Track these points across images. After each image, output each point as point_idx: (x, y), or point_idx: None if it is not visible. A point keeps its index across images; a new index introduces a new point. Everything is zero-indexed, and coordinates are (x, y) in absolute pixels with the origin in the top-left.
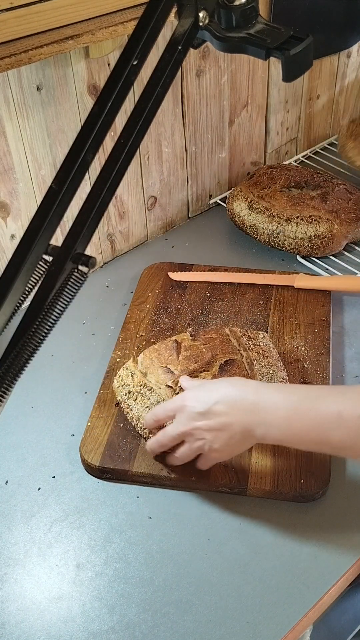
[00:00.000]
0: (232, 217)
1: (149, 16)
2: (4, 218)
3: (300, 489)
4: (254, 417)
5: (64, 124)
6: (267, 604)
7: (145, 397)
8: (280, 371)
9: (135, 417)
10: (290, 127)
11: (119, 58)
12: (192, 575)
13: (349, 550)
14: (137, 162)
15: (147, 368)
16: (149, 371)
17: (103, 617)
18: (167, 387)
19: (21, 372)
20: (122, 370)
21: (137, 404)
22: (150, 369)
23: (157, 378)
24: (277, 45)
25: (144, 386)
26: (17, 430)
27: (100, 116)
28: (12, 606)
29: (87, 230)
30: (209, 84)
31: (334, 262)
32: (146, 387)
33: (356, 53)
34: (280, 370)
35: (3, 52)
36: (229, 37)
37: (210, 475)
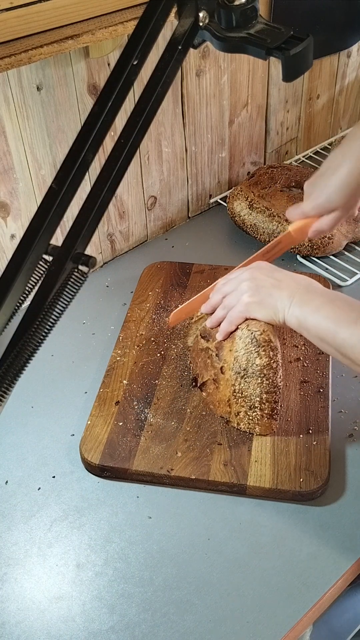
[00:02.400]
0: (233, 217)
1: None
2: (4, 218)
3: (299, 488)
4: (287, 284)
5: (64, 124)
6: (267, 604)
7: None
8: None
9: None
10: (290, 127)
11: (119, 58)
12: (192, 575)
13: (349, 550)
14: (137, 162)
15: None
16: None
17: (103, 617)
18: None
19: (21, 372)
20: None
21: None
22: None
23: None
24: (277, 45)
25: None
26: (17, 430)
27: (100, 116)
28: (12, 606)
29: (87, 230)
30: (209, 84)
31: (334, 262)
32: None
33: (356, 53)
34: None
35: (3, 52)
36: (229, 37)
37: (210, 473)
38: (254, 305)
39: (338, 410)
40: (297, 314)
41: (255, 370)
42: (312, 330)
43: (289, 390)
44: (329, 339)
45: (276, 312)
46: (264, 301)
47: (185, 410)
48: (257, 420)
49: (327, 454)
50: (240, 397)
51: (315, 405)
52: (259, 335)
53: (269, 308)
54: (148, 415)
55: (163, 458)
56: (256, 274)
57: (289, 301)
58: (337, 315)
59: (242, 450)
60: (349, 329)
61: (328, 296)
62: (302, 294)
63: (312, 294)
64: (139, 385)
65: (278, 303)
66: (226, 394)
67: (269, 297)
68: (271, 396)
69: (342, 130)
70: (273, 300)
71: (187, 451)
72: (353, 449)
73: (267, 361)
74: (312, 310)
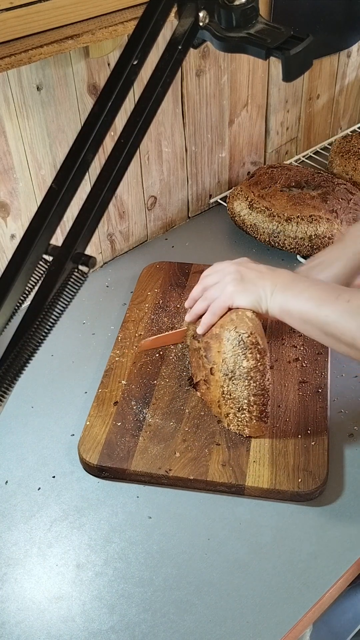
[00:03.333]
0: (233, 217)
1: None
2: (4, 218)
3: (297, 488)
4: (270, 275)
5: (64, 123)
6: (267, 604)
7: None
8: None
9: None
10: (290, 126)
11: (119, 58)
12: (192, 575)
13: (348, 550)
14: (137, 162)
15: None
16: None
17: (103, 617)
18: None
19: (21, 372)
20: None
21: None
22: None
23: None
24: (277, 45)
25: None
26: (17, 430)
27: (100, 116)
28: (12, 606)
29: (87, 230)
30: (209, 84)
31: None
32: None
33: (356, 53)
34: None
35: (3, 51)
36: (229, 37)
37: (208, 474)
38: (237, 294)
39: (338, 411)
40: (279, 300)
41: (242, 373)
42: (294, 314)
43: (287, 391)
44: (312, 318)
45: (259, 299)
46: (248, 289)
47: (184, 411)
48: (245, 422)
49: (325, 454)
50: (229, 398)
51: (314, 406)
52: (246, 338)
53: (252, 294)
54: (146, 416)
55: (161, 458)
56: (240, 268)
57: (271, 289)
58: (319, 295)
59: (240, 451)
60: (331, 305)
61: (311, 281)
62: (285, 282)
63: (294, 282)
64: (137, 386)
65: (261, 291)
66: (216, 395)
67: (253, 286)
68: (259, 398)
69: (342, 130)
70: (256, 288)
71: (186, 451)
72: (352, 449)
73: (253, 364)
74: (294, 294)
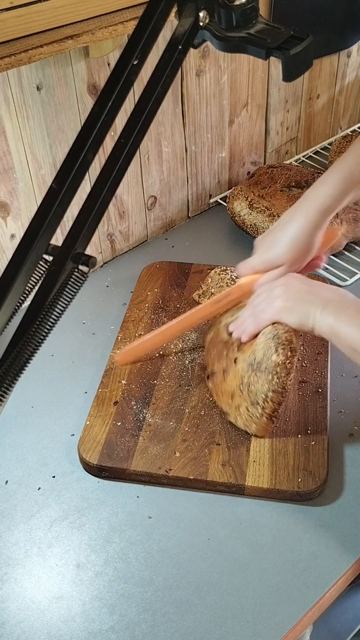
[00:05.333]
0: (233, 217)
1: (149, 16)
2: (4, 218)
3: (297, 488)
4: (320, 291)
5: (64, 123)
6: (267, 603)
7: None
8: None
9: None
10: (290, 126)
11: (119, 58)
12: (192, 575)
13: (348, 550)
14: (137, 162)
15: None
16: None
17: (103, 616)
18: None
19: (21, 372)
20: None
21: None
22: None
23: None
24: (277, 45)
25: None
26: (17, 430)
27: (100, 116)
28: (12, 606)
29: (87, 230)
30: (209, 84)
31: (334, 262)
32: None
33: (356, 53)
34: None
35: (3, 51)
36: (229, 37)
37: (208, 473)
38: (286, 311)
39: (338, 410)
40: (330, 322)
41: (269, 366)
42: (344, 340)
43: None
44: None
45: (307, 317)
46: (296, 306)
47: (184, 411)
48: (256, 418)
49: (325, 454)
50: (246, 390)
51: (314, 406)
52: (282, 333)
53: (300, 313)
54: (146, 416)
55: (161, 458)
56: (290, 281)
57: (322, 307)
58: None
59: (240, 451)
60: None
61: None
62: (337, 301)
63: (347, 302)
64: (137, 386)
65: (310, 308)
66: (232, 385)
67: (301, 302)
68: (277, 396)
69: (342, 130)
70: (306, 305)
71: (186, 451)
72: (352, 448)
73: (282, 359)
74: (346, 319)
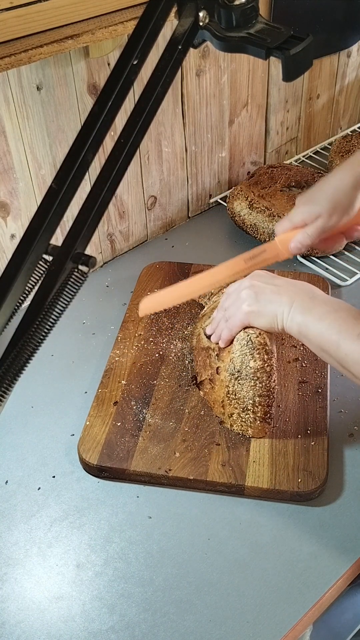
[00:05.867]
0: (233, 217)
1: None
2: (4, 218)
3: (297, 489)
4: (287, 290)
5: (64, 123)
6: (267, 603)
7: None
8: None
9: None
10: (290, 126)
11: (119, 58)
12: (192, 575)
13: (348, 550)
14: (137, 162)
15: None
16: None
17: (103, 616)
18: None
19: (21, 372)
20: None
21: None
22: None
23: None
24: (277, 44)
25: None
26: (17, 430)
27: (100, 116)
28: (12, 606)
29: (87, 230)
30: (209, 84)
31: (334, 262)
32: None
33: (356, 53)
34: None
35: (3, 51)
36: (229, 37)
37: (208, 474)
38: (254, 315)
39: (338, 410)
40: (298, 321)
41: (249, 373)
42: (313, 340)
43: (287, 391)
44: (331, 350)
45: (275, 319)
46: (263, 309)
47: (184, 411)
48: (249, 422)
49: (325, 454)
50: (233, 398)
51: (314, 406)
52: (254, 338)
53: (268, 316)
54: (146, 416)
55: (161, 458)
56: (255, 282)
57: (289, 307)
58: (341, 326)
59: (240, 451)
60: (353, 343)
61: (332, 305)
62: (304, 300)
63: (314, 300)
64: (137, 386)
65: (277, 309)
66: (220, 395)
67: (269, 304)
68: (264, 399)
69: (342, 130)
70: (273, 307)
71: (185, 451)
72: (352, 449)
73: (260, 364)
74: (314, 318)
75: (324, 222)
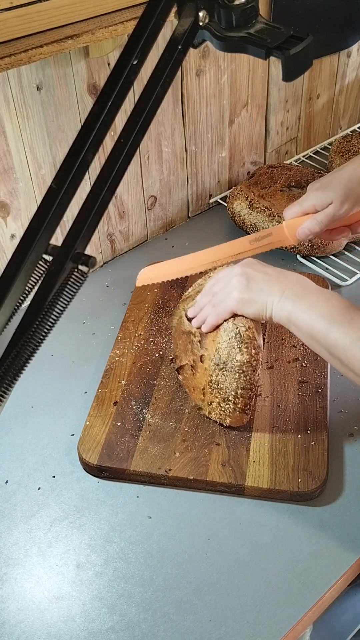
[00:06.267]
0: (233, 217)
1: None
2: (4, 218)
3: (297, 489)
4: (278, 279)
5: (64, 123)
6: (267, 603)
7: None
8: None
9: None
10: (290, 126)
11: (119, 58)
12: (192, 575)
13: (348, 550)
14: (137, 162)
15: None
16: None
17: (103, 616)
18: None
19: (21, 372)
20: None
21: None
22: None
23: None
24: (277, 44)
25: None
26: (17, 430)
27: (100, 116)
28: (12, 606)
29: (87, 230)
30: (209, 84)
31: (334, 262)
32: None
33: (356, 53)
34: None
35: (3, 51)
36: (229, 37)
37: (208, 474)
38: (244, 302)
39: (338, 410)
40: (289, 309)
41: (235, 366)
42: (302, 327)
43: (287, 391)
44: (321, 337)
45: (265, 307)
46: (254, 297)
47: (184, 411)
48: (229, 412)
49: (325, 454)
50: (215, 388)
51: (314, 406)
52: (243, 331)
53: (258, 304)
54: (146, 416)
55: (161, 458)
56: (247, 270)
57: (279, 294)
58: (332, 314)
59: (240, 451)
60: (343, 329)
61: (323, 294)
62: (295, 289)
63: (306, 289)
64: (137, 386)
65: (268, 298)
66: (202, 382)
67: (260, 292)
68: (246, 392)
69: (342, 130)
70: (263, 295)
71: (185, 451)
72: (352, 449)
73: (247, 358)
74: (305, 306)
75: (335, 209)
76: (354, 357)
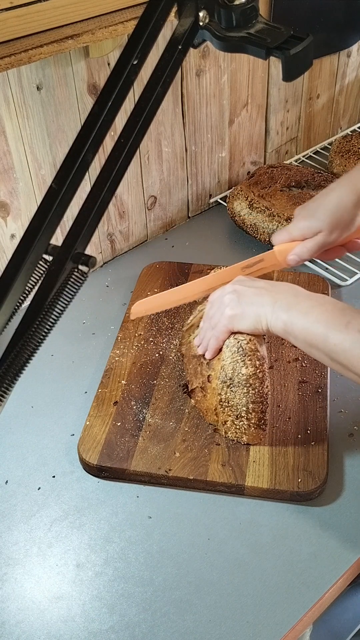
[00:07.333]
0: (233, 217)
1: (149, 16)
2: (4, 218)
3: (297, 488)
4: (269, 290)
5: (64, 123)
6: (267, 603)
7: None
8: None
9: None
10: (290, 126)
11: (119, 58)
12: (192, 575)
13: (348, 549)
14: (137, 162)
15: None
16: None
17: (103, 616)
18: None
19: (21, 372)
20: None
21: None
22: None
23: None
24: (277, 44)
25: None
26: (17, 430)
27: (100, 116)
28: (12, 606)
29: (87, 230)
30: (209, 84)
31: (334, 262)
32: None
33: (356, 52)
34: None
35: (3, 51)
36: (229, 37)
37: (208, 474)
38: (237, 318)
39: (338, 410)
40: (283, 318)
41: (242, 380)
42: (299, 335)
43: (287, 391)
44: (319, 343)
45: (259, 319)
46: (246, 311)
47: (184, 411)
48: (244, 429)
49: (325, 454)
50: (226, 406)
51: (314, 406)
52: (245, 344)
53: (251, 317)
54: (146, 416)
55: (161, 458)
56: (237, 286)
57: (271, 306)
58: (328, 318)
59: (240, 451)
60: (341, 333)
61: (316, 299)
62: (287, 298)
63: (297, 297)
64: (137, 386)
65: (260, 310)
66: (213, 403)
67: (251, 305)
68: (257, 406)
69: (342, 130)
70: (254, 308)
71: (185, 451)
72: (352, 449)
73: (253, 371)
74: (300, 313)
75: (324, 238)
76: (355, 360)
